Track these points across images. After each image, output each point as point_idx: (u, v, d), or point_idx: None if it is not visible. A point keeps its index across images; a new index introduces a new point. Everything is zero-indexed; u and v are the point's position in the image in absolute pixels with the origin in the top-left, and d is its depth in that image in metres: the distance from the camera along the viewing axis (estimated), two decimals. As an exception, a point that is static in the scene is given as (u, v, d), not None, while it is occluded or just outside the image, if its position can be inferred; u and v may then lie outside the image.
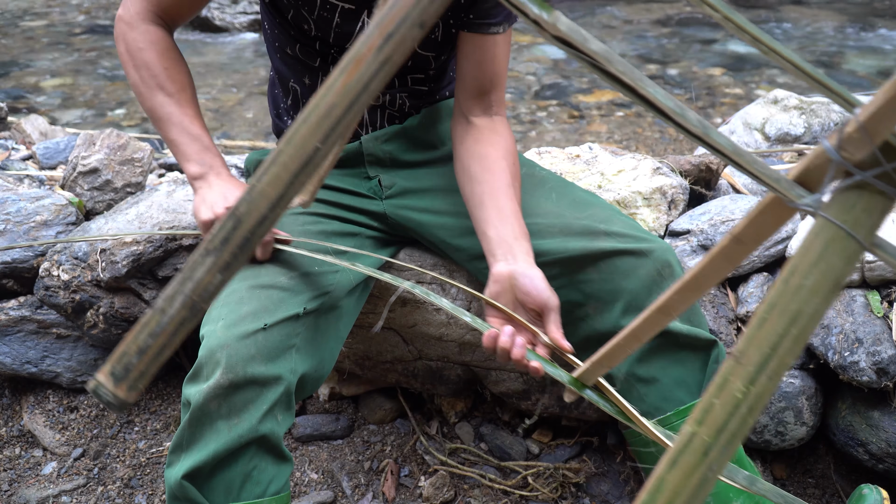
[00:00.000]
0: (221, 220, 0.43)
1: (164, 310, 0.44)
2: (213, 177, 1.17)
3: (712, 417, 0.39)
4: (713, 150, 0.44)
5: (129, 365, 0.44)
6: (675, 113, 0.43)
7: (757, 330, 0.40)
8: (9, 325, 1.60)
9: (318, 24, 1.17)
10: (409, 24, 0.41)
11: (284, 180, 0.42)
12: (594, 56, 0.43)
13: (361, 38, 0.43)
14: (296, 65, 1.26)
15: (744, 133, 2.13)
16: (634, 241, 1.16)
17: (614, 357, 0.74)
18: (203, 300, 0.43)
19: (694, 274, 0.56)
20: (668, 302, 0.61)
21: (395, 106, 1.29)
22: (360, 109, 0.43)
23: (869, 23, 4.97)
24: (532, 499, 1.47)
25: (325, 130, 0.42)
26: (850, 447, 1.33)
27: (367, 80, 0.42)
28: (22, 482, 1.54)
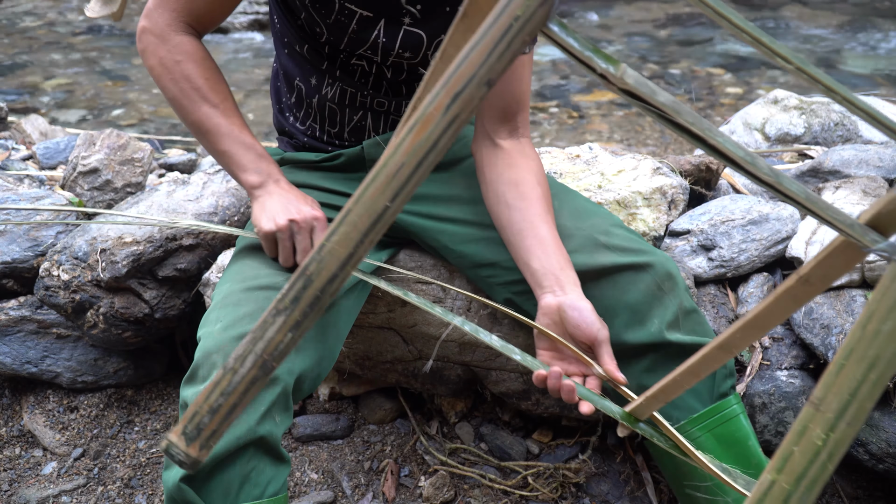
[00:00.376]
0: (291, 281, 0.43)
1: (236, 369, 0.44)
2: (273, 185, 1.15)
3: (792, 465, 0.39)
4: (786, 198, 0.45)
5: (201, 424, 0.44)
6: (745, 162, 0.43)
7: (835, 377, 0.39)
8: (9, 325, 1.60)
9: (333, 29, 1.16)
10: (476, 83, 0.42)
11: (354, 239, 0.43)
12: (663, 108, 0.43)
13: (429, 97, 0.43)
14: (303, 63, 1.25)
15: (744, 133, 2.13)
16: (634, 255, 1.16)
17: (669, 392, 0.74)
18: (274, 359, 0.44)
19: (758, 313, 0.56)
20: (729, 339, 0.61)
21: (401, 113, 1.29)
22: (428, 168, 0.43)
23: (869, 23, 4.97)
24: (532, 499, 1.47)
25: (394, 189, 0.42)
26: (851, 447, 1.33)
27: (435, 138, 0.42)
28: (22, 482, 1.54)
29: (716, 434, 1.11)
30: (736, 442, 1.11)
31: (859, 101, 0.45)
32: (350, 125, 1.28)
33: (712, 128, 0.44)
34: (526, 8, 0.41)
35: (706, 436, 1.11)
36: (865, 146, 1.67)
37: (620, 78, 0.42)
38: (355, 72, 1.23)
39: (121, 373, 1.64)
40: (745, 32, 0.44)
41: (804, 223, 1.43)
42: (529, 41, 1.19)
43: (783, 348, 1.37)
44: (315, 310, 0.43)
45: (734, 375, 1.15)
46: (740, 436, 1.12)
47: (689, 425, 1.11)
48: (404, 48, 1.17)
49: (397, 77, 1.24)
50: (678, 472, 1.16)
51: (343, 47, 1.19)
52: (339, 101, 1.25)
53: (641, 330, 1.13)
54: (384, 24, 1.15)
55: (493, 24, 0.42)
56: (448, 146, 0.43)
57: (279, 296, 0.44)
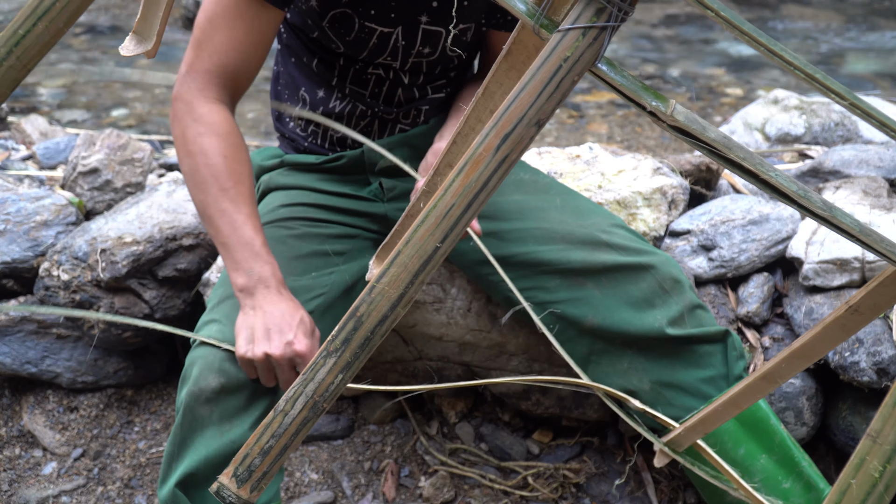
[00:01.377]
0: (341, 323, 0.43)
1: (287, 411, 0.44)
2: (262, 293, 1.04)
3: (849, 498, 0.39)
4: (840, 232, 0.45)
5: (252, 466, 0.45)
6: (799, 196, 0.44)
7: (892, 409, 0.40)
8: (9, 325, 1.60)
9: (352, 45, 1.15)
10: (525, 124, 0.42)
11: (405, 280, 0.43)
12: (713, 145, 0.43)
13: (478, 138, 0.43)
14: (311, 76, 1.23)
15: (744, 133, 2.13)
16: (635, 255, 1.16)
17: (709, 423, 0.74)
18: (325, 400, 0.44)
19: (804, 342, 0.56)
20: (773, 369, 0.61)
21: (409, 118, 1.28)
22: (478, 208, 0.43)
23: (869, 23, 4.97)
24: (532, 499, 1.47)
25: (444, 230, 0.42)
26: (851, 447, 1.33)
27: (485, 179, 0.42)
28: (22, 482, 1.54)
29: (737, 416, 1.11)
30: (757, 422, 1.12)
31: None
32: (356, 130, 1.28)
33: (763, 162, 0.44)
34: (575, 49, 0.42)
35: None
36: (866, 146, 1.67)
37: (671, 115, 0.43)
38: (369, 82, 1.21)
39: (121, 373, 1.64)
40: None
41: (804, 223, 1.43)
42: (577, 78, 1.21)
43: (783, 348, 1.37)
44: (366, 351, 0.43)
45: (745, 357, 1.16)
46: (761, 415, 1.12)
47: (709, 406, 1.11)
48: (424, 44, 1.17)
49: (415, 81, 1.23)
50: (718, 491, 1.15)
51: (362, 58, 1.18)
52: (347, 114, 1.24)
53: (641, 323, 1.13)
54: (402, 28, 1.15)
55: (541, 65, 0.42)
56: (497, 186, 0.43)
57: (330, 337, 0.44)
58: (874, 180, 1.49)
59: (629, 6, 0.44)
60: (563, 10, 0.45)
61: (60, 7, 0.46)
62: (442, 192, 0.42)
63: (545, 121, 0.43)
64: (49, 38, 0.47)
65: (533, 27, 0.46)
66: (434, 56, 1.20)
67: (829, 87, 0.44)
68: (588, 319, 1.15)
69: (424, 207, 0.43)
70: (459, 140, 0.59)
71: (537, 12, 0.46)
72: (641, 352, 1.15)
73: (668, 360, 1.14)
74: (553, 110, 0.43)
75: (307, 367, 0.44)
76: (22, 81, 0.51)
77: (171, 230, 1.54)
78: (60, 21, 0.47)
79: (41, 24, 0.46)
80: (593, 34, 0.43)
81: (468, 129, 0.57)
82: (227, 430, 1.03)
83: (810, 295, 1.36)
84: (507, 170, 0.42)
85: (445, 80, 1.28)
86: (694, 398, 1.13)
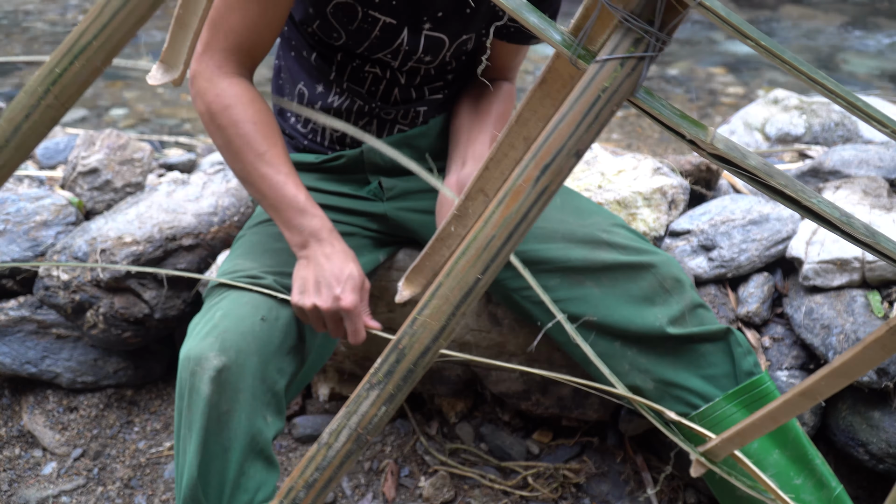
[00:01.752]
0: (383, 355, 0.43)
1: (330, 444, 0.44)
2: (314, 246, 1.10)
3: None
4: (883, 258, 0.45)
5: (297, 499, 0.45)
6: (842, 223, 0.44)
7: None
8: (9, 325, 1.59)
9: (354, 35, 1.15)
10: (565, 155, 0.42)
11: (446, 312, 0.43)
12: (754, 172, 0.43)
13: (517, 169, 0.43)
14: (310, 70, 1.24)
15: (744, 133, 2.13)
16: (636, 254, 1.16)
17: (747, 435, 0.74)
18: (369, 432, 0.44)
19: (845, 360, 0.56)
20: (813, 386, 0.61)
21: (408, 119, 1.29)
22: (518, 239, 0.43)
23: (869, 23, 4.97)
24: (532, 499, 1.47)
25: (485, 262, 0.43)
26: (851, 447, 1.33)
27: (525, 210, 0.42)
28: (22, 482, 1.54)
29: (752, 409, 1.11)
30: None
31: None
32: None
33: (805, 189, 0.44)
34: (613, 79, 0.42)
35: (741, 412, 1.11)
36: (866, 146, 1.67)
37: (710, 143, 0.43)
38: (365, 80, 1.22)
39: (121, 373, 1.64)
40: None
41: (804, 223, 1.43)
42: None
43: (783, 348, 1.37)
44: (409, 383, 0.44)
45: (753, 352, 1.15)
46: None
47: (723, 402, 1.11)
48: (426, 52, 1.17)
49: (412, 82, 1.23)
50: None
51: (362, 51, 1.18)
52: (346, 109, 1.25)
53: (643, 322, 1.13)
54: (407, 31, 1.15)
55: (580, 96, 0.42)
56: (537, 217, 0.43)
57: (372, 370, 0.44)
58: (874, 180, 1.49)
59: (667, 36, 0.44)
60: (600, 40, 0.45)
61: (98, 45, 0.47)
62: (482, 223, 0.43)
63: (584, 151, 0.43)
64: (87, 77, 0.47)
65: (570, 58, 0.46)
66: (434, 63, 1.20)
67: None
68: (588, 318, 1.16)
69: (464, 238, 0.43)
70: (492, 165, 0.59)
71: (574, 43, 0.46)
72: (643, 352, 1.15)
73: (671, 359, 1.14)
74: (592, 140, 0.43)
75: (350, 399, 0.45)
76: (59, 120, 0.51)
77: (171, 230, 1.54)
78: (98, 59, 0.47)
79: (78, 62, 0.47)
80: (632, 64, 0.43)
81: (501, 154, 0.57)
82: (226, 427, 1.04)
83: (810, 295, 1.36)
84: (547, 200, 0.42)
85: (443, 83, 1.28)
86: (698, 397, 1.13)
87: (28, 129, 0.48)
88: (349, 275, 1.09)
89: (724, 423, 1.10)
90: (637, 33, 0.43)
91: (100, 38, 0.47)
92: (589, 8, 0.45)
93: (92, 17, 0.47)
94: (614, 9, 0.43)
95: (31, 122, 0.48)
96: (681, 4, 0.43)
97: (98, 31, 0.47)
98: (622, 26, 0.43)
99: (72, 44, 0.47)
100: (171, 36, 0.84)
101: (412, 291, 0.88)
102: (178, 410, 1.06)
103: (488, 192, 0.62)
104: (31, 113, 0.47)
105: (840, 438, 1.35)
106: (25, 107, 0.48)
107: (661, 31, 0.43)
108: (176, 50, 0.82)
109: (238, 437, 1.03)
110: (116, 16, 0.46)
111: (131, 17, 0.46)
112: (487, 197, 0.63)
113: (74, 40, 0.47)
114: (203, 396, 1.02)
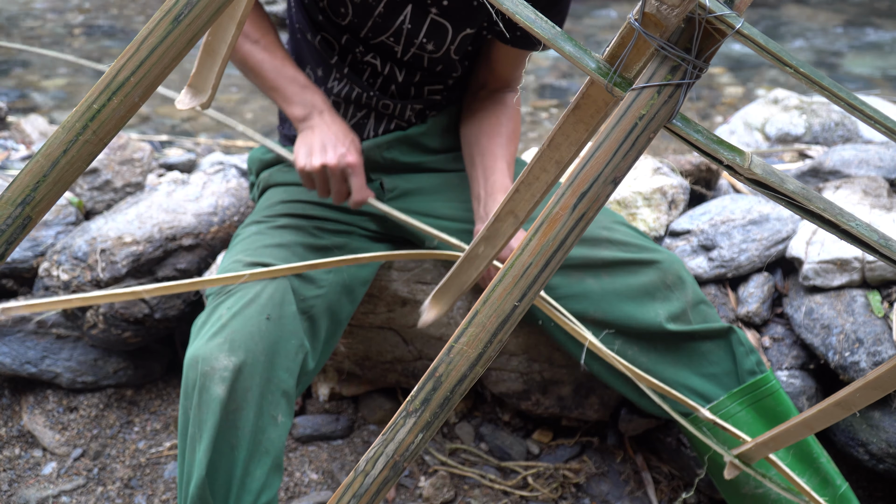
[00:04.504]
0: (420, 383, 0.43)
1: (367, 471, 0.44)
2: (317, 117, 1.17)
3: None
4: None
5: None
6: (881, 246, 0.44)
7: None
8: (8, 325, 1.59)
9: (359, 11, 1.16)
10: (601, 182, 0.42)
11: (483, 340, 0.43)
12: (793, 196, 0.43)
13: (554, 196, 0.43)
14: (313, 53, 1.26)
15: (744, 133, 2.13)
16: (637, 251, 1.16)
17: (781, 440, 0.74)
18: (405, 459, 0.44)
19: (880, 374, 0.56)
20: (848, 397, 0.61)
21: (405, 116, 1.29)
22: (555, 267, 0.43)
23: (869, 23, 4.97)
24: (532, 499, 1.47)
25: (522, 289, 0.43)
26: (851, 447, 1.33)
27: (562, 238, 0.42)
28: (22, 482, 1.54)
29: (757, 408, 1.11)
30: (780, 416, 1.12)
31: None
32: (352, 121, 1.28)
33: (844, 212, 0.44)
34: (650, 107, 0.42)
35: (746, 410, 1.11)
36: (866, 146, 1.67)
37: (748, 168, 0.43)
38: (364, 71, 1.23)
39: (120, 373, 1.64)
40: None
41: (804, 223, 1.43)
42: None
43: (783, 348, 1.37)
44: (445, 410, 0.44)
45: (755, 351, 1.16)
46: (783, 409, 1.12)
47: (728, 400, 1.11)
48: (429, 38, 1.17)
49: (410, 79, 1.23)
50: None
51: (364, 33, 1.18)
52: (344, 96, 1.25)
53: (643, 316, 1.13)
54: (411, 9, 1.15)
55: (617, 123, 0.42)
56: (574, 244, 0.43)
57: (409, 397, 0.44)
58: (874, 180, 1.49)
59: (704, 63, 0.44)
60: (636, 67, 0.45)
61: (135, 82, 0.47)
62: (519, 251, 0.43)
63: (621, 178, 0.43)
64: (124, 113, 0.48)
65: (606, 86, 0.46)
66: (438, 54, 1.20)
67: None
68: (590, 314, 1.16)
69: (503, 266, 0.43)
70: (522, 188, 0.59)
71: (610, 71, 0.46)
72: (644, 350, 1.15)
73: (672, 357, 1.14)
74: (629, 168, 0.43)
75: (387, 427, 0.45)
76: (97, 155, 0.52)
77: (171, 230, 1.54)
78: (135, 95, 0.48)
79: (116, 98, 0.47)
80: (668, 91, 0.43)
81: (532, 178, 0.57)
82: (236, 427, 1.04)
83: (810, 295, 1.36)
84: (584, 228, 0.43)
85: (442, 86, 1.28)
86: (699, 396, 1.13)
87: (66, 165, 0.48)
88: (351, 139, 1.16)
89: (729, 421, 1.10)
90: (674, 61, 0.43)
91: (137, 75, 0.47)
92: (625, 37, 0.45)
93: (129, 54, 0.47)
94: (651, 38, 0.43)
95: (69, 158, 0.48)
96: (718, 33, 0.43)
97: (136, 68, 0.47)
98: (659, 54, 0.43)
99: (109, 80, 0.47)
100: (200, 62, 0.85)
101: (437, 312, 0.88)
102: (184, 409, 1.06)
103: (518, 213, 0.62)
104: (68, 148, 0.48)
105: (840, 438, 1.35)
106: (63, 142, 0.48)
107: (699, 59, 0.43)
108: (204, 75, 0.82)
109: (245, 437, 1.03)
110: (154, 52, 0.47)
111: (169, 54, 0.47)
112: (517, 218, 0.63)
113: (112, 76, 0.47)
114: (215, 397, 1.02)
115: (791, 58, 0.44)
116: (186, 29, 0.47)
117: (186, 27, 0.47)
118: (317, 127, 1.15)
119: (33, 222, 0.51)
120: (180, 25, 0.47)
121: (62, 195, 0.53)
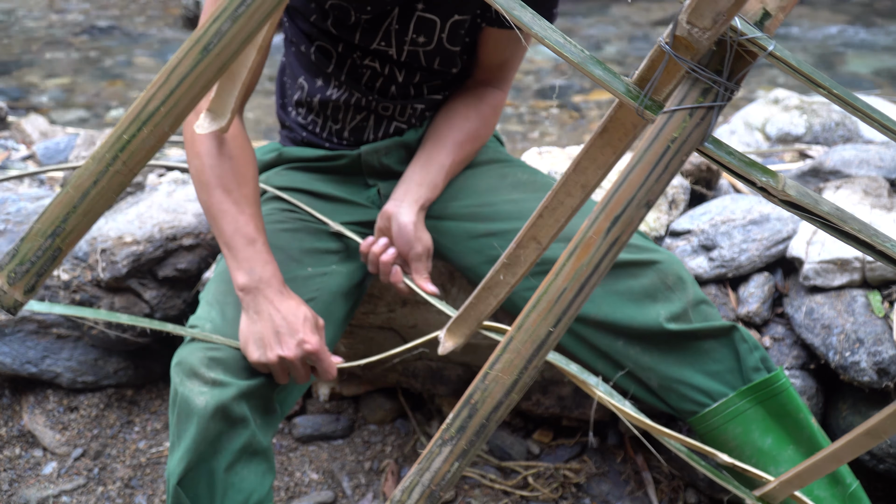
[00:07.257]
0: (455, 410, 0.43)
1: (403, 501, 0.44)
2: (263, 292, 1.05)
3: None
4: None
5: None
6: None
7: None
8: (9, 325, 1.59)
9: (344, 21, 1.16)
10: (635, 205, 0.42)
11: (518, 366, 0.43)
12: (828, 218, 0.43)
13: (587, 221, 0.42)
14: (309, 65, 1.25)
15: (744, 133, 2.13)
16: (638, 252, 1.16)
17: (806, 476, 0.74)
18: (442, 489, 0.44)
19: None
20: (878, 426, 0.61)
21: (405, 116, 1.28)
22: (589, 292, 0.43)
23: (869, 23, 4.97)
24: (532, 499, 1.47)
25: (557, 315, 0.42)
26: (851, 447, 1.33)
27: (596, 262, 0.42)
28: (22, 482, 1.54)
29: (766, 406, 1.11)
30: (788, 414, 1.11)
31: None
32: (352, 124, 1.28)
33: (878, 233, 0.44)
34: (682, 130, 0.41)
35: (755, 408, 1.10)
36: (866, 146, 1.66)
37: (782, 190, 0.42)
38: (363, 75, 1.22)
39: (121, 373, 1.64)
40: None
41: (804, 223, 1.43)
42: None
43: (784, 348, 1.37)
44: (481, 438, 0.43)
45: (760, 348, 1.15)
46: (791, 408, 1.12)
47: (737, 398, 1.11)
48: (418, 32, 1.17)
49: (410, 79, 1.23)
50: None
51: (357, 42, 1.18)
52: (343, 102, 1.25)
53: (644, 318, 1.13)
54: (397, 12, 1.14)
55: (649, 147, 0.42)
56: (609, 268, 0.43)
57: (444, 425, 0.44)
58: (875, 180, 1.49)
59: (735, 85, 0.44)
60: (666, 90, 0.45)
61: (165, 112, 0.47)
62: (553, 275, 0.42)
63: (654, 201, 0.43)
64: (154, 143, 0.47)
65: (637, 109, 0.45)
66: (430, 46, 1.19)
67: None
68: (591, 316, 1.15)
69: (536, 291, 0.43)
70: (546, 213, 0.58)
71: (640, 94, 0.46)
72: (646, 350, 1.15)
73: (674, 356, 1.13)
74: (662, 190, 0.43)
75: (422, 455, 0.44)
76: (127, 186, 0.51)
77: (171, 230, 1.54)
78: (165, 125, 0.47)
79: (146, 128, 0.47)
80: (700, 114, 0.43)
81: (556, 202, 0.56)
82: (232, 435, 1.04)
83: (811, 295, 1.36)
84: (618, 251, 0.42)
85: (442, 83, 1.27)
86: (703, 394, 1.12)
87: (96, 195, 0.48)
88: (304, 317, 1.05)
89: (738, 419, 1.09)
90: (705, 83, 0.43)
91: (167, 105, 0.47)
92: (655, 60, 0.44)
93: (158, 84, 0.47)
94: (682, 60, 0.42)
95: (99, 189, 0.48)
96: (749, 55, 0.43)
97: (165, 98, 0.47)
98: (690, 77, 0.43)
99: (139, 111, 0.47)
100: (219, 86, 0.85)
101: (455, 342, 0.86)
102: (170, 412, 1.07)
103: (541, 239, 0.61)
104: (98, 179, 0.48)
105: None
106: (93, 173, 0.48)
107: (730, 81, 0.43)
108: (223, 100, 0.82)
109: (230, 445, 1.03)
110: (183, 82, 0.47)
111: (198, 83, 0.47)
112: (540, 245, 0.62)
113: (142, 107, 0.47)
114: (195, 409, 1.02)
115: (825, 79, 0.44)
116: (216, 59, 0.47)
117: (216, 57, 0.46)
118: (262, 310, 1.04)
119: (63, 253, 0.50)
120: (209, 55, 0.47)
121: (92, 226, 0.52)
